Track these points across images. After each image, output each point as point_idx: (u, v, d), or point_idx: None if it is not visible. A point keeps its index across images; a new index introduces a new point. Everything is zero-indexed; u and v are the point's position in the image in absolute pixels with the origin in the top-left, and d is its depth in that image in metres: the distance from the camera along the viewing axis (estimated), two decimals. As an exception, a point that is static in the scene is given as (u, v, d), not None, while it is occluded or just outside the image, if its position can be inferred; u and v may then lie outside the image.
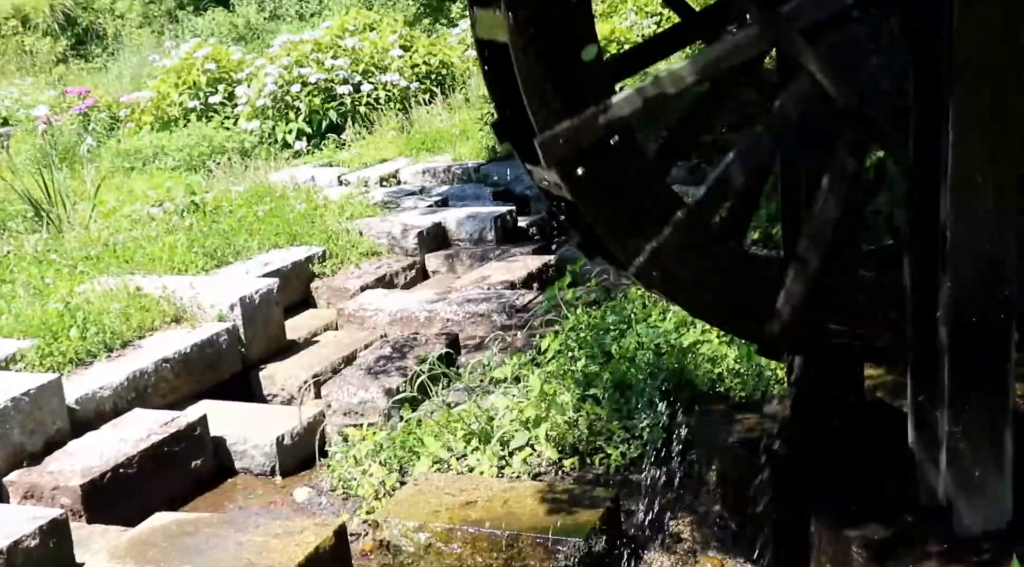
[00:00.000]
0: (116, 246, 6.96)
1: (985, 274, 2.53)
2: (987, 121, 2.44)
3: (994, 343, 2.59)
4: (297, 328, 6.33)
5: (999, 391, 2.63)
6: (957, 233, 2.49)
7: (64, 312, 5.33)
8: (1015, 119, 2.44)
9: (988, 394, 2.63)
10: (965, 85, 2.43)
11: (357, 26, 14.11)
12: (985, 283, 2.54)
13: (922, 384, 2.74)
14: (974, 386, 2.62)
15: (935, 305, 2.60)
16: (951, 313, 2.55)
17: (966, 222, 2.48)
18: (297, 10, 21.48)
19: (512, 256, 7.20)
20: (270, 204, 8.13)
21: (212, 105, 12.91)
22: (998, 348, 2.59)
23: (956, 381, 2.61)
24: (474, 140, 10.60)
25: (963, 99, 2.43)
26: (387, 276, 7.05)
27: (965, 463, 2.65)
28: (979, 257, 2.51)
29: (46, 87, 16.30)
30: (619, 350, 4.53)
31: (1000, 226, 2.50)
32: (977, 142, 2.44)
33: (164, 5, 22.34)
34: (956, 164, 2.46)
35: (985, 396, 2.63)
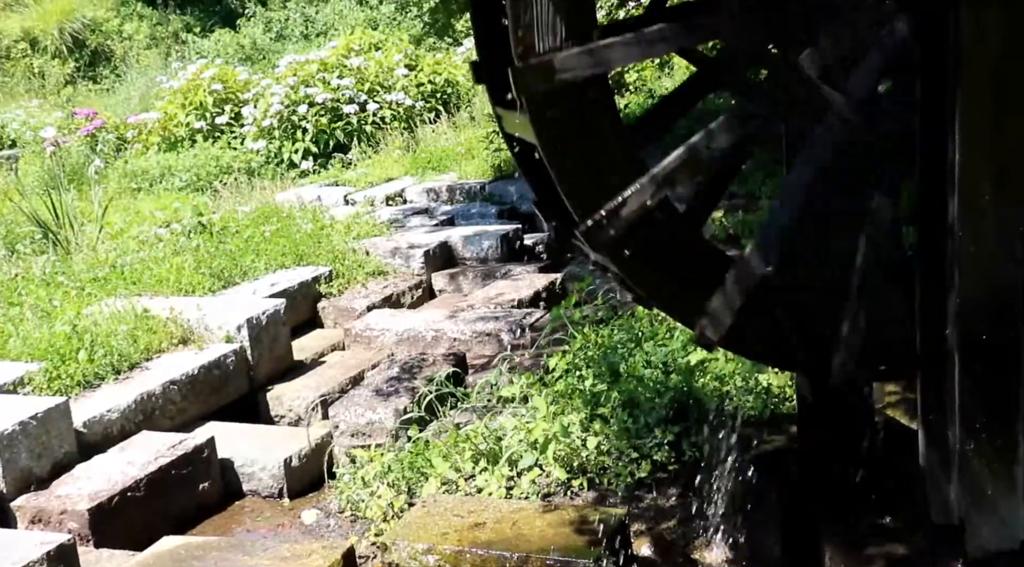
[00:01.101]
0: (123, 267, 6.98)
1: (994, 290, 2.51)
2: (993, 138, 2.43)
3: (1004, 359, 2.57)
4: (304, 349, 6.33)
5: (1010, 407, 2.61)
6: (965, 250, 2.47)
7: (72, 334, 5.33)
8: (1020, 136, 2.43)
9: (999, 411, 2.61)
10: (971, 103, 2.42)
11: (363, 46, 14.19)
12: (994, 299, 2.52)
13: (932, 401, 2.72)
14: (985, 403, 2.60)
15: (944, 321, 2.58)
16: (960, 329, 2.54)
17: (974, 239, 2.47)
18: (302, 31, 21.59)
19: (518, 275, 7.20)
20: (277, 224, 8.15)
21: (219, 125, 12.97)
22: (1008, 364, 2.58)
23: (966, 398, 2.59)
24: (479, 159, 10.62)
25: (969, 116, 2.43)
26: (394, 295, 7.05)
27: (977, 481, 2.62)
28: (987, 274, 2.50)
29: (54, 109, 16.39)
30: (627, 369, 4.51)
31: (1008, 242, 2.49)
32: (984, 160, 2.43)
33: (171, 27, 22.48)
34: (963, 182, 2.45)
35: (996, 413, 2.61)
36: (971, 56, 2.39)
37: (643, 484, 3.99)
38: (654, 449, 4.03)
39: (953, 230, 2.49)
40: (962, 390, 2.59)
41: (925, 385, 2.73)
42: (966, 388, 2.58)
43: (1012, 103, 2.43)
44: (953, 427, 2.61)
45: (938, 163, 2.51)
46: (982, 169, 2.44)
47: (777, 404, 4.08)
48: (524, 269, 7.38)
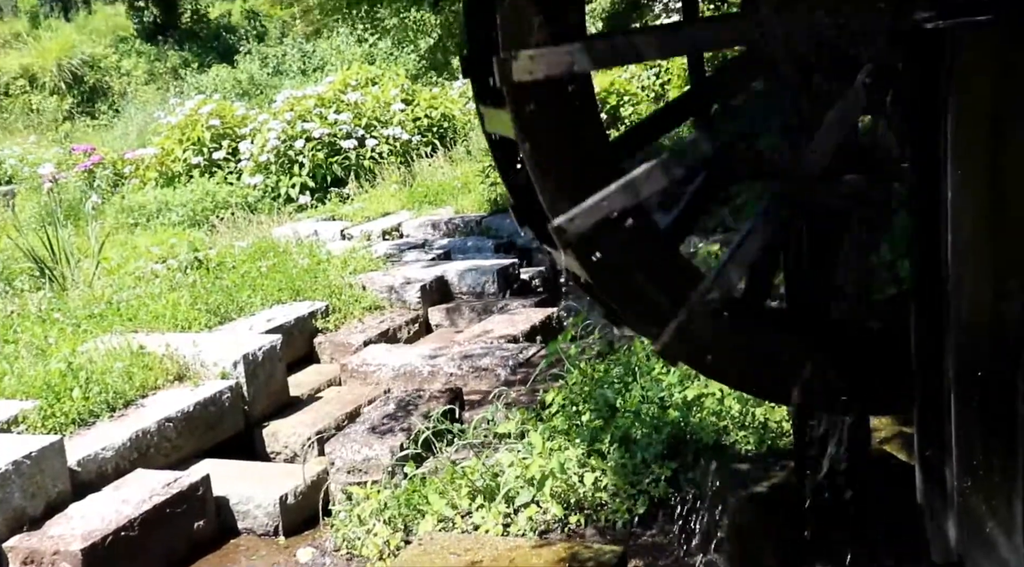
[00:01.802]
0: (119, 304, 6.97)
1: (990, 326, 2.51)
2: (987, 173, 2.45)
3: (1001, 394, 2.56)
4: (300, 384, 6.31)
5: (1008, 443, 2.60)
6: (960, 285, 2.48)
7: (67, 372, 5.31)
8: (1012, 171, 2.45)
9: (997, 447, 2.60)
10: (964, 138, 2.43)
11: (360, 80, 14.28)
12: (991, 335, 2.52)
13: (929, 437, 2.70)
14: (982, 439, 2.59)
15: (941, 356, 2.58)
16: (957, 365, 2.53)
17: (969, 274, 2.47)
18: (299, 66, 21.75)
19: (515, 309, 7.19)
20: (273, 259, 8.15)
21: (216, 161, 13.02)
22: (1005, 400, 2.57)
23: (963, 434, 2.58)
24: (476, 193, 10.66)
25: (962, 152, 2.44)
26: (390, 330, 7.04)
27: (976, 518, 2.60)
28: (983, 309, 2.50)
29: (52, 145, 16.47)
30: (623, 404, 4.50)
31: (1004, 278, 2.49)
32: (978, 195, 2.44)
33: (169, 63, 22.65)
34: (957, 217, 2.46)
35: (994, 449, 2.60)
36: (964, 92, 2.41)
37: (641, 520, 3.97)
38: (651, 485, 4.01)
39: (948, 265, 2.50)
40: (959, 426, 2.58)
41: (922, 421, 2.72)
42: (963, 424, 2.57)
43: (1005, 137, 2.44)
44: (951, 464, 2.60)
45: (932, 198, 2.52)
46: (976, 204, 2.45)
47: (774, 439, 4.06)
48: (521, 303, 7.38)
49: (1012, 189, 2.47)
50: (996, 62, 2.36)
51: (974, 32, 2.32)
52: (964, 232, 2.46)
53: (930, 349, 2.60)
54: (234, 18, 25.32)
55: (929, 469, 2.72)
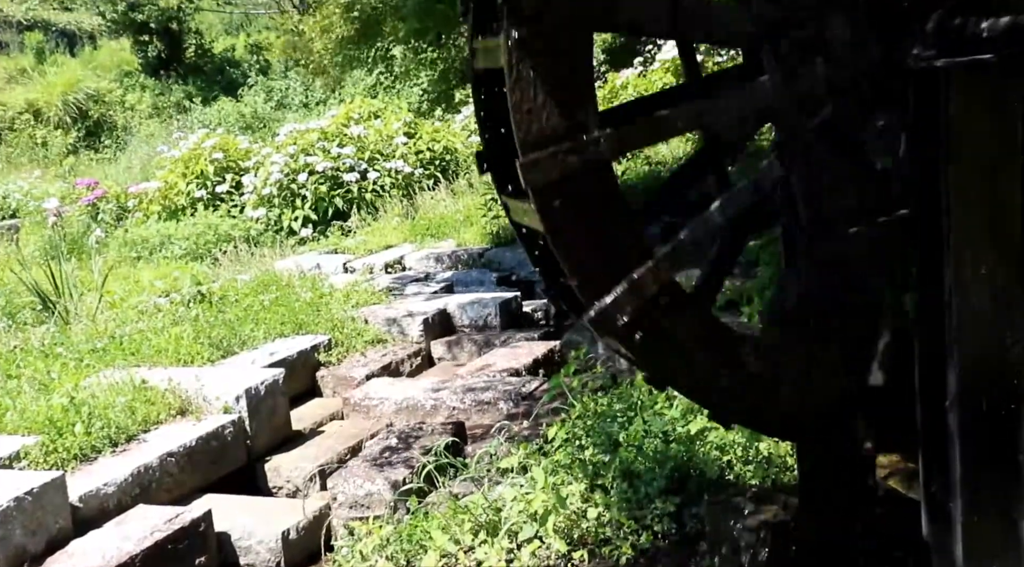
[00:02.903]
0: (122, 338, 6.97)
1: (993, 361, 2.52)
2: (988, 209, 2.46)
3: (1005, 429, 2.56)
4: (303, 418, 6.30)
5: (1012, 478, 2.59)
6: (962, 322, 2.49)
7: (69, 407, 5.31)
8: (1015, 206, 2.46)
9: (1001, 481, 2.59)
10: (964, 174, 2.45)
11: (362, 114, 14.37)
12: (993, 370, 2.52)
13: (934, 472, 2.70)
14: (987, 473, 2.58)
15: (944, 392, 2.58)
16: (960, 400, 2.53)
17: (971, 311, 2.48)
18: (303, 99, 21.88)
19: (517, 342, 7.19)
20: (276, 293, 8.16)
21: (219, 194, 13.07)
22: (1009, 434, 2.57)
23: (968, 469, 2.58)
24: (478, 225, 10.68)
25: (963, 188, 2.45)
26: (392, 364, 7.03)
27: (981, 553, 2.60)
28: (986, 344, 2.51)
29: (56, 179, 16.57)
30: (626, 438, 4.48)
31: (1005, 313, 2.50)
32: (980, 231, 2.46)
33: (173, 97, 22.80)
34: (959, 253, 2.47)
35: (998, 483, 2.59)
36: (963, 129, 2.43)
37: (644, 555, 3.94)
38: (655, 520, 3.99)
39: (951, 301, 2.50)
40: (964, 462, 2.57)
41: (926, 456, 2.72)
42: (968, 460, 2.57)
43: (1004, 173, 2.46)
44: (955, 499, 2.60)
45: (935, 234, 2.53)
46: (978, 240, 2.47)
47: (778, 473, 4.05)
48: (523, 336, 7.38)
49: (1012, 223, 2.48)
50: (994, 99, 2.39)
51: (973, 70, 2.34)
52: (966, 268, 2.47)
53: (934, 384, 2.60)
54: (238, 52, 25.53)
55: (934, 504, 2.72)
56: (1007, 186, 2.47)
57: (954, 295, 2.49)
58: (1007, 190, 2.46)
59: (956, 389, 2.52)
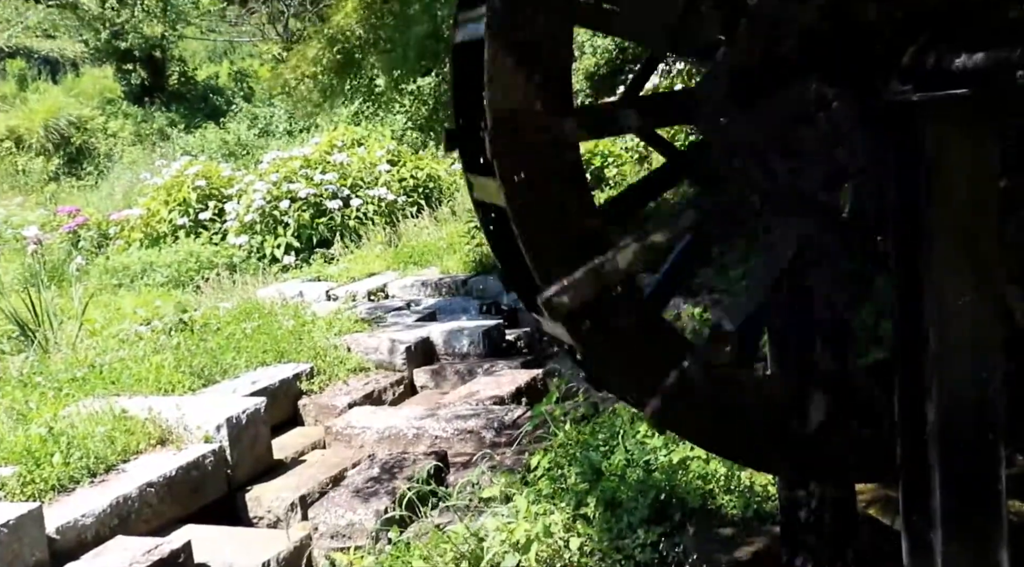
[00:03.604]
0: (102, 367, 6.93)
1: (971, 392, 2.53)
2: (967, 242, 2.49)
3: (984, 462, 2.57)
4: (284, 447, 6.26)
5: (992, 510, 2.60)
6: (941, 356, 2.50)
7: (47, 437, 5.26)
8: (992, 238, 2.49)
9: (981, 513, 2.60)
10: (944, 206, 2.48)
11: (346, 142, 14.39)
12: (972, 403, 2.54)
13: (914, 503, 2.71)
14: (966, 505, 2.59)
15: (924, 424, 2.59)
16: (939, 431, 2.55)
17: (949, 343, 2.50)
18: (286, 127, 21.89)
19: (500, 370, 7.18)
20: (258, 321, 8.13)
21: (201, 221, 13.04)
22: (988, 467, 2.58)
23: (948, 500, 2.59)
24: (461, 253, 10.69)
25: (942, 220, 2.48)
26: (375, 392, 7.01)
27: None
28: (965, 376, 2.52)
29: (37, 206, 16.47)
30: (609, 467, 4.48)
31: (983, 347, 2.52)
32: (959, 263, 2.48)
33: (156, 124, 22.76)
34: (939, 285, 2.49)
35: (978, 515, 2.60)
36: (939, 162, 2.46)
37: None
38: (637, 550, 3.98)
39: (929, 332, 2.52)
40: (944, 492, 2.58)
41: (907, 487, 2.72)
42: (947, 490, 2.58)
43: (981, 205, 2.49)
44: (936, 529, 2.60)
45: (913, 266, 2.55)
46: (957, 272, 2.49)
47: (760, 503, 4.05)
48: (506, 364, 7.37)
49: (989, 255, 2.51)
50: (971, 133, 2.42)
51: (949, 104, 2.37)
52: (944, 300, 2.49)
53: (914, 415, 2.61)
54: (222, 80, 25.54)
55: (914, 534, 2.72)
56: (984, 218, 2.50)
57: (932, 327, 2.51)
58: (984, 222, 2.49)
59: (935, 420, 2.53)
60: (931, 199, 2.47)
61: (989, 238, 2.49)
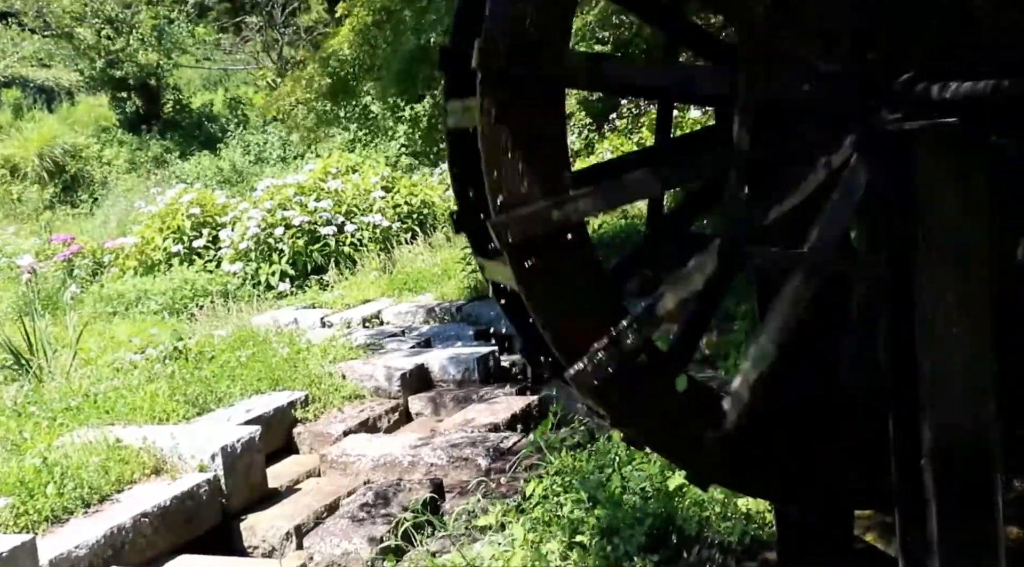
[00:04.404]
0: (97, 396, 6.90)
1: (965, 422, 2.54)
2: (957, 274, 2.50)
3: (980, 488, 2.58)
4: (279, 476, 6.23)
5: (988, 535, 2.60)
6: (935, 384, 2.51)
7: (41, 468, 5.23)
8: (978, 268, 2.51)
9: (977, 538, 2.60)
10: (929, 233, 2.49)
11: (340, 168, 14.43)
12: (966, 430, 2.54)
13: (911, 529, 2.71)
14: (963, 531, 2.59)
15: (919, 449, 2.60)
16: (934, 458, 2.55)
17: (942, 371, 2.51)
18: (280, 154, 21.95)
19: (495, 397, 7.17)
20: (253, 348, 8.11)
21: (196, 249, 13.04)
22: (984, 493, 2.58)
23: (944, 526, 2.59)
24: (456, 279, 10.69)
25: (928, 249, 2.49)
26: (370, 420, 6.99)
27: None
28: (958, 407, 2.53)
29: (31, 234, 16.47)
30: (605, 494, 4.46)
31: (977, 375, 2.53)
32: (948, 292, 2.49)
33: (151, 152, 22.81)
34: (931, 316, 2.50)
35: (975, 540, 2.60)
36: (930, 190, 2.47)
37: (624, 615, 3.91)
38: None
39: (923, 361, 2.53)
40: (940, 518, 2.58)
41: (903, 512, 2.72)
42: (944, 516, 2.58)
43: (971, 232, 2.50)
44: (933, 556, 2.60)
45: (906, 297, 2.56)
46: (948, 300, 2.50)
47: (757, 530, 4.04)
48: (501, 391, 7.35)
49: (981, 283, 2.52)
50: (960, 160, 2.44)
51: (939, 133, 2.39)
52: (936, 328, 2.50)
53: (909, 442, 2.62)
54: (216, 107, 25.62)
55: (912, 560, 2.72)
56: (975, 245, 2.51)
57: (925, 355, 2.51)
58: (975, 249, 2.50)
59: (930, 447, 2.54)
60: (921, 226, 2.48)
61: (980, 265, 2.50)
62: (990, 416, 2.52)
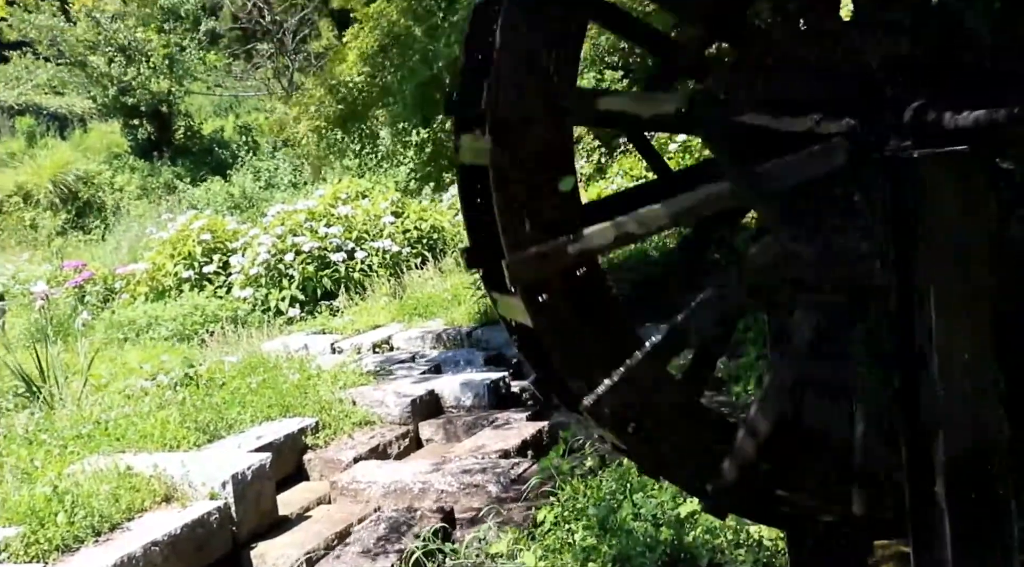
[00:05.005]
0: (108, 423, 6.90)
1: (977, 445, 2.52)
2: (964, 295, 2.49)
3: (994, 513, 2.56)
4: (289, 503, 6.22)
5: (1004, 560, 2.58)
6: (945, 406, 2.50)
7: (52, 496, 5.23)
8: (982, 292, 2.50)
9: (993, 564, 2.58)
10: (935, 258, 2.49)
11: (350, 194, 14.48)
12: (978, 454, 2.53)
13: (925, 554, 2.68)
14: (977, 558, 2.57)
15: (932, 477, 2.58)
16: (947, 486, 2.53)
17: (952, 394, 2.50)
18: (291, 179, 22.05)
19: (506, 423, 7.15)
20: (263, 375, 8.12)
21: (206, 274, 13.09)
22: (998, 519, 2.56)
23: (959, 554, 2.57)
24: (466, 304, 10.70)
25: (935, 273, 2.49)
26: (380, 446, 6.98)
27: (976, 639, 2.57)
28: (970, 429, 2.52)
29: (44, 261, 16.55)
30: (617, 521, 4.45)
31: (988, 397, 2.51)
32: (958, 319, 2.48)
33: (162, 178, 22.95)
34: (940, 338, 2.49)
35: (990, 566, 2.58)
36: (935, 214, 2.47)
37: (637, 644, 3.88)
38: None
39: (934, 386, 2.52)
40: (954, 544, 2.56)
41: (917, 538, 2.70)
42: (958, 541, 2.56)
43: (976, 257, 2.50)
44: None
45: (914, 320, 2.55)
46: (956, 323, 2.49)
47: (769, 558, 4.01)
48: (511, 416, 7.34)
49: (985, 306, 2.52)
50: (966, 186, 2.44)
51: (946, 159, 2.39)
52: (945, 351, 2.49)
53: (921, 469, 2.60)
54: (227, 133, 25.79)
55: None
56: (979, 270, 2.51)
57: (934, 379, 2.50)
58: (979, 274, 2.50)
59: (943, 472, 2.52)
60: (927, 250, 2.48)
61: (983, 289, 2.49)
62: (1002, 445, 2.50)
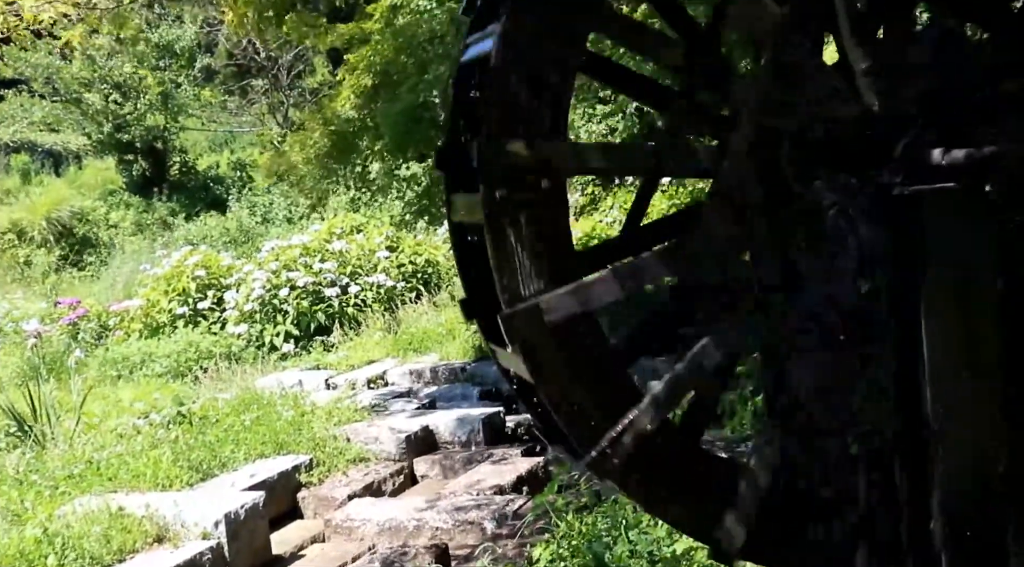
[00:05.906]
0: (100, 463, 6.85)
1: (974, 481, 2.50)
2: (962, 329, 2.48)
3: (991, 550, 2.53)
4: (283, 541, 6.17)
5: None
6: (943, 444, 2.48)
7: (42, 538, 5.19)
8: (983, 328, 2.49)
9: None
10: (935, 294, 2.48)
11: (345, 228, 14.48)
12: (976, 490, 2.51)
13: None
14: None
15: (929, 514, 2.56)
16: (946, 529, 2.51)
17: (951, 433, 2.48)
18: (286, 214, 22.07)
19: (501, 459, 7.11)
20: (257, 412, 8.08)
21: (200, 311, 13.04)
22: (996, 556, 2.54)
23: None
24: (461, 339, 10.67)
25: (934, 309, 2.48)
26: (375, 483, 6.93)
27: None
28: (967, 465, 2.50)
29: (38, 298, 16.49)
30: (612, 559, 4.40)
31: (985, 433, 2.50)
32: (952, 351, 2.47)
33: (157, 213, 22.96)
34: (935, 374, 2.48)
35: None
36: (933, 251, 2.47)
37: None
38: (643, 647, 3.89)
39: (931, 423, 2.50)
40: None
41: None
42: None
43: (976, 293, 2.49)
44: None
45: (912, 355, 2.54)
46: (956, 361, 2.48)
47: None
48: (507, 452, 7.30)
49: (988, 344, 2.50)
50: (961, 223, 2.44)
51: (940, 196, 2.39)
52: (945, 389, 2.48)
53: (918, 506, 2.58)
54: (222, 169, 25.84)
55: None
56: (980, 306, 2.50)
57: (934, 417, 2.49)
58: (980, 310, 2.49)
59: (940, 517, 2.50)
60: (927, 287, 2.47)
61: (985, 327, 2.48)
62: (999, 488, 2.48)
